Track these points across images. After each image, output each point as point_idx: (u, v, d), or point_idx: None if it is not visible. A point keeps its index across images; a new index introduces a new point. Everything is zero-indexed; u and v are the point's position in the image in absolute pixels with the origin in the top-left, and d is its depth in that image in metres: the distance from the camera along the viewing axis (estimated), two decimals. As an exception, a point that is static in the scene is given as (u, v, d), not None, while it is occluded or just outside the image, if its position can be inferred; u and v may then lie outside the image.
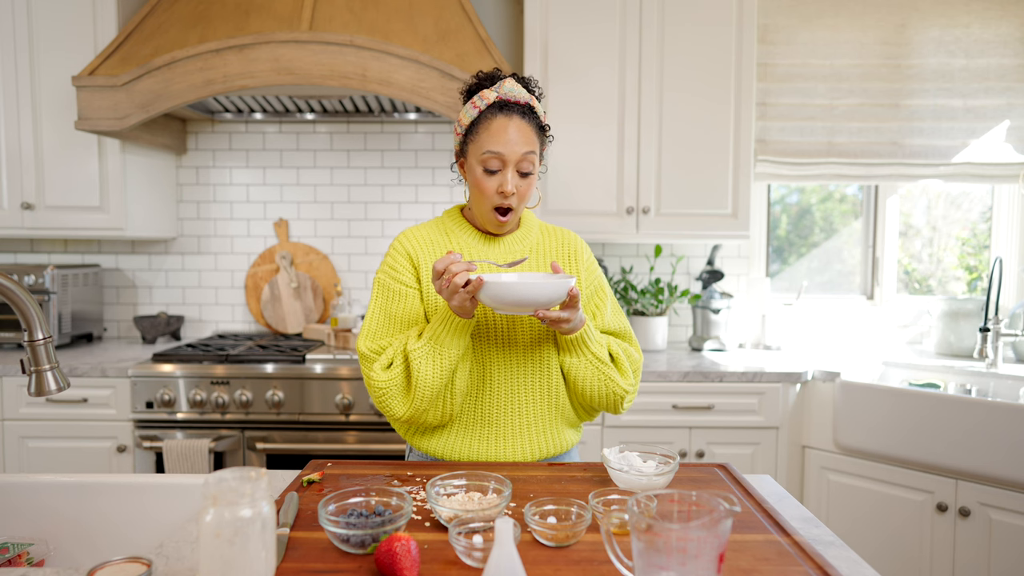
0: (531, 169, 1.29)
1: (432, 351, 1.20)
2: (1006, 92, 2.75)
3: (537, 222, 1.45)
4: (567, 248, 1.41)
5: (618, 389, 1.31)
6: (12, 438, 2.31)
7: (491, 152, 1.27)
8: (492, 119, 1.28)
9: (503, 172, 1.27)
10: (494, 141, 1.26)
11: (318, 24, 2.29)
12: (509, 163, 1.27)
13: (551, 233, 1.43)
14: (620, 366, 1.33)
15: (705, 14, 2.51)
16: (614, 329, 1.39)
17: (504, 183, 1.27)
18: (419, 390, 1.21)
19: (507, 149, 1.26)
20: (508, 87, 1.29)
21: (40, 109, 2.52)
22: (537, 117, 1.32)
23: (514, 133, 1.27)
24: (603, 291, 1.41)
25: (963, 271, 3.03)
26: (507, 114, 1.28)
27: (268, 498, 0.78)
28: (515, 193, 1.28)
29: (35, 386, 1.03)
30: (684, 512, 0.79)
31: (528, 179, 1.30)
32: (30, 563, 1.17)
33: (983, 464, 1.99)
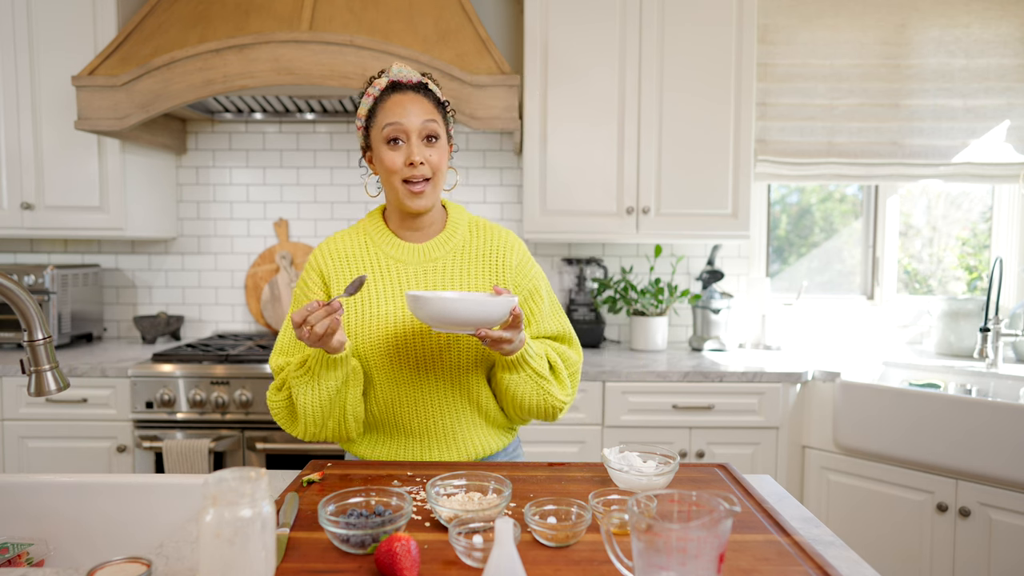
0: (438, 134, 1.27)
1: (309, 381, 1.19)
2: (1006, 92, 2.75)
3: (467, 219, 1.37)
4: (495, 249, 1.33)
5: (555, 401, 1.29)
6: (12, 438, 2.31)
7: (391, 124, 1.24)
8: (387, 99, 1.27)
9: (408, 143, 1.25)
10: (392, 114, 1.25)
11: (318, 24, 2.29)
12: (411, 132, 1.24)
13: (481, 232, 1.35)
14: (559, 377, 1.31)
15: (705, 14, 2.51)
16: (552, 332, 1.36)
17: (411, 152, 1.24)
18: (303, 415, 1.22)
19: (406, 119, 1.24)
20: (396, 69, 1.29)
21: (40, 109, 2.52)
22: (433, 93, 1.30)
23: (411, 105, 1.25)
24: (538, 294, 1.34)
25: (963, 271, 3.03)
26: (401, 91, 1.27)
27: (268, 498, 0.78)
28: (424, 163, 1.25)
29: (35, 386, 1.03)
30: (684, 512, 0.79)
31: (436, 146, 1.27)
32: (30, 563, 1.17)
33: (983, 464, 1.99)
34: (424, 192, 1.26)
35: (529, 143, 2.54)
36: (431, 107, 1.28)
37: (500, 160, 2.93)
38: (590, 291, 2.82)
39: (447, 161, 1.30)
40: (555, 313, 1.38)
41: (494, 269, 1.32)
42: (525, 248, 1.38)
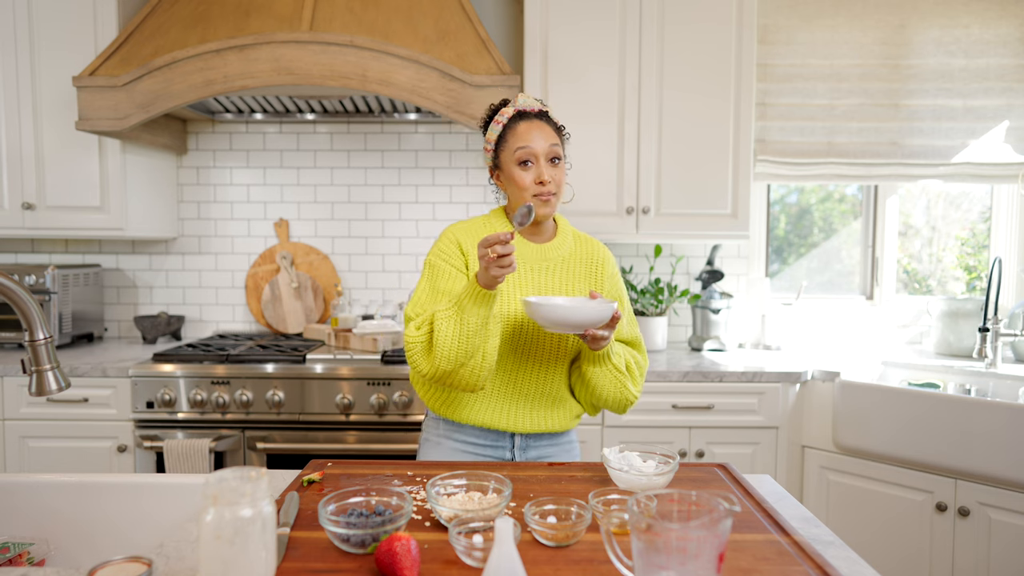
0: (560, 155, 1.46)
1: (454, 315, 1.29)
2: (1006, 92, 2.75)
3: (571, 230, 1.57)
4: (595, 258, 1.54)
5: (630, 395, 1.46)
6: (13, 438, 2.31)
7: (522, 148, 1.43)
8: (516, 126, 1.46)
9: (536, 165, 1.43)
10: (523, 140, 1.44)
11: (318, 24, 2.29)
12: (540, 155, 1.43)
13: (583, 242, 1.56)
14: (632, 375, 1.47)
15: (705, 14, 2.51)
16: (628, 338, 1.52)
17: (540, 172, 1.42)
18: (438, 349, 1.29)
19: (535, 143, 1.43)
20: (522, 99, 1.48)
21: (41, 109, 2.52)
22: (552, 120, 1.50)
23: (537, 131, 1.45)
24: (623, 302, 1.54)
25: (962, 271, 3.03)
26: (527, 120, 1.46)
27: (268, 498, 0.78)
28: (551, 180, 1.43)
29: (36, 386, 1.03)
30: (684, 512, 0.79)
31: (559, 167, 1.46)
32: (31, 563, 1.17)
33: (982, 464, 1.99)
34: (550, 201, 1.44)
35: (529, 143, 2.54)
36: (552, 132, 1.47)
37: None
38: (590, 291, 2.81)
39: (565, 178, 1.48)
40: (632, 321, 1.55)
41: (594, 275, 1.52)
42: (615, 259, 1.60)
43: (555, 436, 1.54)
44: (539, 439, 1.52)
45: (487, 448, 1.50)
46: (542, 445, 1.53)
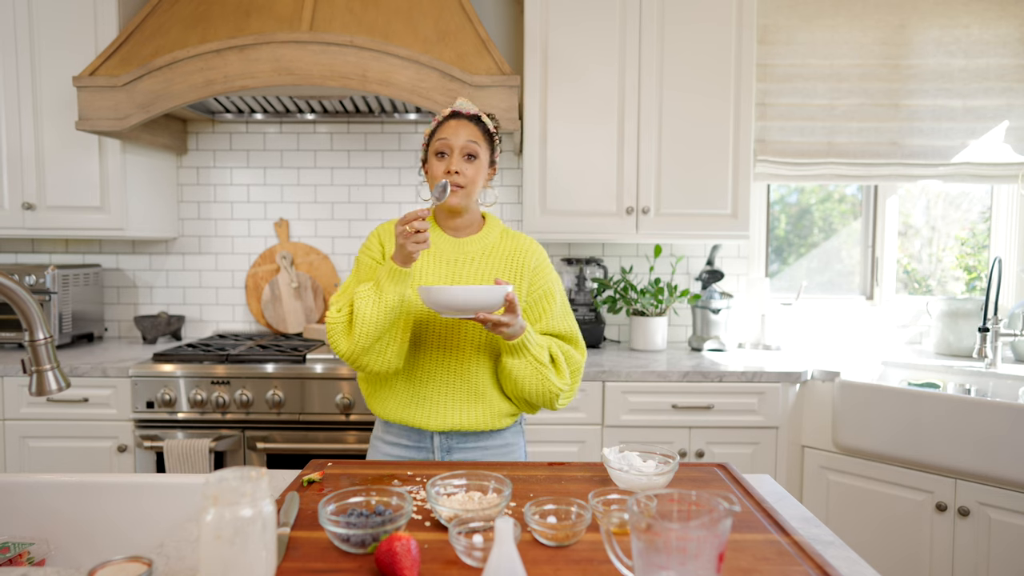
0: (477, 154, 1.51)
1: (373, 294, 1.38)
2: (1005, 92, 2.75)
3: (500, 227, 1.61)
4: (517, 253, 1.55)
5: (552, 387, 1.45)
6: (13, 438, 2.31)
7: (440, 140, 1.51)
8: (446, 123, 1.53)
9: (450, 157, 1.50)
10: (443, 133, 1.52)
11: (318, 24, 2.29)
12: (455, 148, 1.49)
13: (510, 239, 1.58)
14: (558, 368, 1.48)
15: (705, 14, 2.51)
16: (559, 332, 1.53)
17: (450, 163, 1.49)
18: (358, 327, 1.37)
19: (453, 137, 1.50)
20: (460, 102, 1.56)
21: (41, 109, 2.52)
22: (485, 124, 1.55)
23: (460, 128, 1.52)
24: (551, 296, 1.54)
25: (962, 271, 3.04)
26: (457, 119, 1.54)
27: (269, 498, 0.78)
28: (460, 173, 1.48)
29: (36, 386, 1.03)
30: (684, 512, 0.79)
31: (474, 165, 1.51)
32: (31, 562, 1.17)
33: (982, 464, 1.99)
34: (457, 193, 1.49)
35: (529, 143, 2.55)
36: (477, 133, 1.53)
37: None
38: (590, 291, 2.82)
39: (482, 178, 1.53)
40: (565, 316, 1.56)
41: (515, 268, 1.53)
42: (545, 255, 1.59)
43: (482, 436, 1.51)
44: (464, 440, 1.50)
45: (409, 449, 1.51)
46: (467, 447, 1.50)
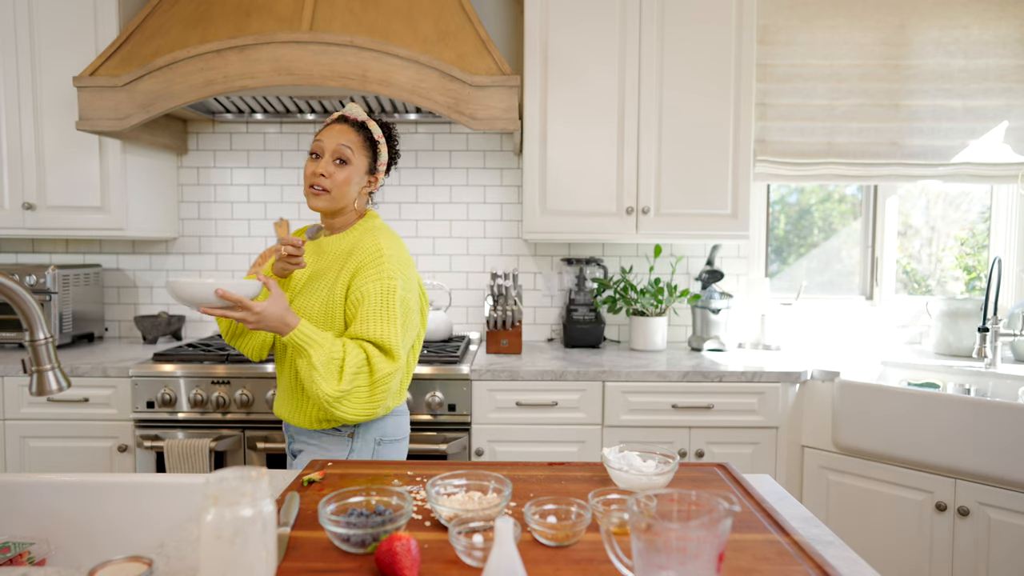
0: (348, 159, 1.54)
1: None
2: (1005, 93, 2.75)
3: (367, 227, 1.59)
4: (350, 254, 1.53)
5: (320, 392, 1.40)
6: (13, 438, 2.31)
7: (316, 141, 1.56)
8: (329, 126, 1.58)
9: (320, 159, 1.54)
10: (321, 135, 1.56)
11: (318, 25, 2.29)
12: (326, 150, 1.54)
13: (359, 239, 1.56)
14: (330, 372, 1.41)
15: (705, 14, 2.51)
16: (368, 337, 1.45)
17: (317, 166, 1.53)
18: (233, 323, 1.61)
19: (327, 139, 1.55)
20: (349, 107, 1.61)
21: (41, 109, 2.53)
22: (369, 133, 1.59)
23: (337, 131, 1.56)
24: (363, 300, 1.47)
25: (962, 271, 3.04)
26: (342, 123, 1.58)
27: (269, 497, 0.78)
28: (326, 176, 1.53)
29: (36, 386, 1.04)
30: (684, 512, 0.79)
31: (344, 169, 1.54)
32: (31, 562, 1.17)
33: (982, 464, 1.99)
34: (320, 196, 1.54)
35: (529, 143, 2.55)
36: (356, 139, 1.56)
37: (500, 160, 2.94)
38: (590, 291, 2.82)
39: (354, 184, 1.57)
40: (380, 321, 1.46)
41: (342, 268, 1.52)
42: (379, 259, 1.50)
43: (303, 433, 1.58)
44: (300, 432, 1.58)
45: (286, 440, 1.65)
46: (301, 439, 1.58)
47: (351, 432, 1.55)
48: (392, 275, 1.49)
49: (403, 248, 1.58)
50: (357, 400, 1.44)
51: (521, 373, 2.29)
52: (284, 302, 1.42)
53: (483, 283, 2.97)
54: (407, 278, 1.53)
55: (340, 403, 1.42)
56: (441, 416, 2.28)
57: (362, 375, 1.43)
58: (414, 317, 1.56)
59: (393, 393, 1.51)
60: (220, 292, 1.34)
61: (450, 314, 2.97)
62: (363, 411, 1.45)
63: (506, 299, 2.60)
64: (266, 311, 1.39)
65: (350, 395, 1.42)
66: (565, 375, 2.30)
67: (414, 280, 1.58)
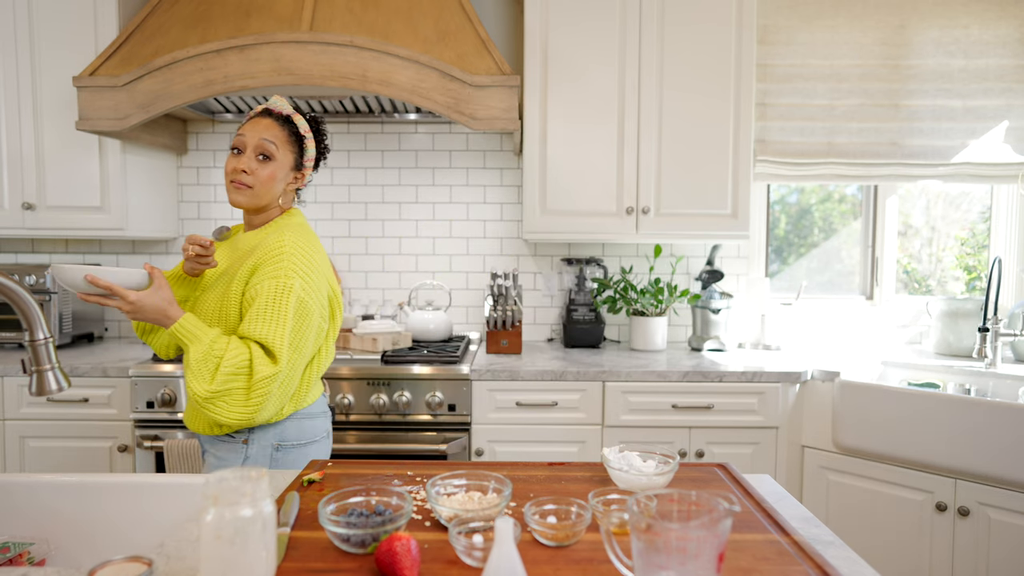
0: (272, 154, 1.50)
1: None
2: (1005, 93, 2.75)
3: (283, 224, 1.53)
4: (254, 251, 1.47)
5: (190, 391, 1.35)
6: (13, 438, 2.31)
7: (238, 135, 1.51)
8: (252, 120, 1.53)
9: (242, 154, 1.50)
10: (243, 129, 1.51)
11: (318, 24, 2.29)
12: (248, 145, 1.49)
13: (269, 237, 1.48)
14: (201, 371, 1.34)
15: (705, 14, 2.51)
16: (253, 336, 1.38)
17: (239, 162, 1.49)
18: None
19: (247, 135, 1.50)
20: (273, 100, 1.56)
21: (41, 109, 2.53)
22: (294, 127, 1.54)
23: (261, 126, 1.51)
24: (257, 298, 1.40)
25: (962, 271, 3.04)
26: (265, 117, 1.53)
27: (269, 498, 0.78)
28: (248, 172, 1.48)
29: (36, 386, 1.04)
30: (684, 512, 0.79)
31: (267, 165, 1.50)
32: (31, 562, 1.17)
33: (982, 464, 1.99)
34: (242, 192, 1.49)
35: (529, 143, 2.55)
36: (281, 134, 1.52)
37: (500, 160, 2.94)
38: (590, 291, 2.82)
39: (279, 180, 1.52)
40: (268, 321, 1.38)
41: (244, 264, 1.46)
42: (279, 257, 1.43)
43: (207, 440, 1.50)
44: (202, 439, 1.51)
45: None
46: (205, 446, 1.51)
47: (245, 438, 1.46)
48: (289, 274, 1.41)
49: (311, 247, 1.49)
50: (233, 403, 1.35)
51: (521, 373, 2.29)
52: (166, 294, 1.36)
53: (483, 283, 2.97)
54: (309, 278, 1.45)
55: (213, 404, 1.34)
56: (441, 416, 2.28)
57: (240, 377, 1.35)
58: (313, 319, 1.46)
59: (277, 397, 1.40)
60: (89, 277, 1.28)
61: (450, 314, 2.97)
62: (238, 415, 1.35)
63: (506, 299, 2.60)
64: (142, 301, 1.33)
65: (224, 397, 1.34)
66: (565, 375, 2.30)
67: (320, 281, 1.49)
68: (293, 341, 1.41)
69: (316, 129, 1.60)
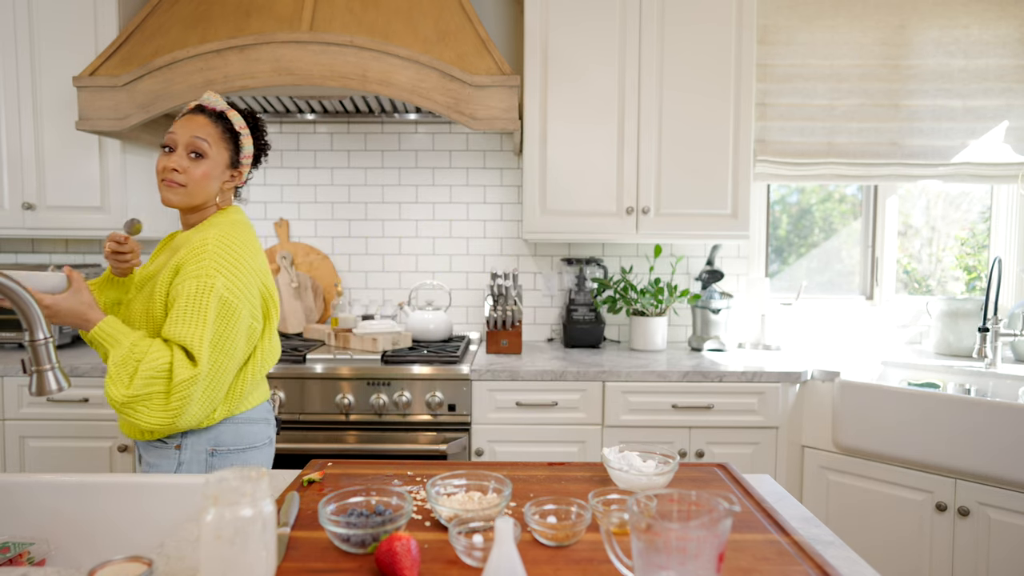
0: (204, 152, 1.46)
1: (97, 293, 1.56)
2: (1005, 93, 2.75)
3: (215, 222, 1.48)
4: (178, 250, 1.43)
5: (108, 396, 1.31)
6: (13, 438, 2.31)
7: (169, 133, 1.47)
8: (184, 117, 1.50)
9: (173, 152, 1.47)
10: (175, 127, 1.48)
11: (318, 25, 2.29)
12: (179, 144, 1.46)
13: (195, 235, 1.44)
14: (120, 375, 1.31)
15: (705, 14, 2.51)
16: (175, 339, 1.34)
17: (170, 160, 1.45)
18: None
19: (180, 131, 1.46)
20: (206, 96, 1.53)
21: (41, 109, 2.53)
22: (229, 123, 1.51)
23: (193, 123, 1.47)
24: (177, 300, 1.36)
25: (962, 271, 3.04)
26: (199, 114, 1.49)
27: (269, 498, 0.78)
28: (180, 171, 1.45)
29: (36, 386, 1.03)
30: (684, 512, 0.79)
31: (199, 163, 1.46)
32: (31, 562, 1.17)
33: (982, 464, 1.99)
34: (175, 190, 1.46)
35: (529, 143, 2.55)
36: (214, 131, 1.48)
37: (500, 160, 2.94)
38: (590, 291, 2.82)
39: (212, 180, 1.49)
40: (188, 322, 1.34)
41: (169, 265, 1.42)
42: (201, 255, 1.39)
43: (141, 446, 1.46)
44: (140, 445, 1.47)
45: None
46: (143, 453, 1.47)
47: (178, 443, 1.42)
48: (211, 273, 1.36)
49: (239, 244, 1.44)
50: (153, 407, 1.31)
51: (521, 373, 2.29)
52: (85, 297, 1.34)
53: (483, 283, 2.97)
54: (233, 277, 1.39)
55: (131, 409, 1.30)
56: (441, 416, 2.28)
57: (159, 380, 1.31)
58: (240, 319, 1.40)
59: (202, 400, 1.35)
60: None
61: (450, 314, 2.97)
62: (159, 420, 1.31)
63: (506, 299, 2.60)
64: (58, 304, 1.30)
65: (143, 401, 1.30)
66: (565, 375, 2.30)
67: (248, 279, 1.43)
68: (217, 342, 1.37)
69: (254, 126, 1.56)
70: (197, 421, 1.38)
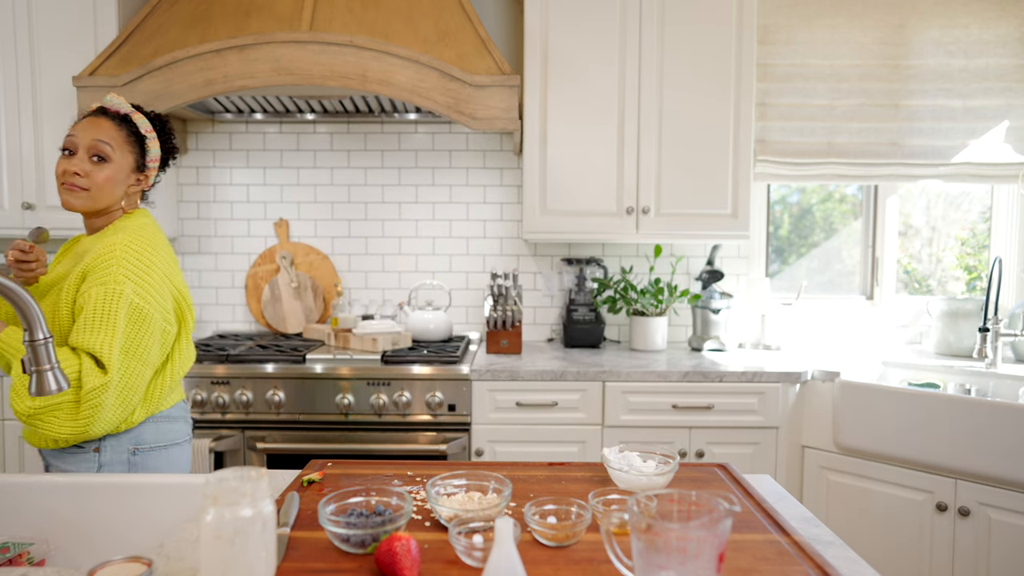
0: (107, 156, 1.43)
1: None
2: (1005, 92, 2.75)
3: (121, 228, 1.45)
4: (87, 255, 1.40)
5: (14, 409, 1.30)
6: (12, 438, 2.31)
7: (68, 135, 1.43)
8: (85, 119, 1.46)
9: (73, 156, 1.43)
10: (74, 129, 1.44)
11: (318, 24, 2.29)
12: (80, 146, 1.42)
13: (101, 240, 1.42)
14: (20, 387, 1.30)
15: (705, 14, 2.51)
16: (82, 347, 1.33)
17: (70, 164, 1.41)
18: None
19: (81, 134, 1.43)
20: (108, 98, 1.49)
21: (41, 109, 2.52)
22: (133, 126, 1.48)
23: (95, 126, 1.44)
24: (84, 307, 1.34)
25: (962, 271, 3.04)
26: (98, 115, 1.46)
27: (269, 498, 0.78)
28: (82, 175, 1.41)
29: (36, 386, 1.03)
30: (684, 512, 0.79)
31: (102, 167, 1.43)
32: (31, 563, 1.17)
33: (982, 464, 1.99)
34: (76, 194, 1.42)
35: (529, 143, 2.55)
36: (118, 134, 1.45)
37: (500, 160, 2.93)
38: (590, 291, 2.82)
39: (117, 184, 1.46)
40: (95, 330, 1.33)
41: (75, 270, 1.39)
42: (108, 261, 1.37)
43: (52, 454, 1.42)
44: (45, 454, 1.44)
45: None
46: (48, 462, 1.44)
47: (96, 447, 1.41)
48: (119, 279, 1.35)
49: (148, 248, 1.42)
50: (63, 416, 1.31)
51: (521, 373, 2.29)
52: None
53: (483, 283, 2.97)
54: (143, 282, 1.38)
55: (40, 420, 1.29)
56: (441, 416, 2.28)
57: (83, 391, 1.30)
58: (152, 324, 1.40)
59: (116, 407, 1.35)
60: None
61: (450, 314, 2.97)
62: (70, 429, 1.31)
63: (506, 299, 2.60)
64: None
65: (52, 412, 1.29)
66: (565, 375, 2.30)
67: (158, 283, 1.42)
68: (130, 347, 1.36)
69: (162, 128, 1.55)
70: (113, 426, 1.37)
